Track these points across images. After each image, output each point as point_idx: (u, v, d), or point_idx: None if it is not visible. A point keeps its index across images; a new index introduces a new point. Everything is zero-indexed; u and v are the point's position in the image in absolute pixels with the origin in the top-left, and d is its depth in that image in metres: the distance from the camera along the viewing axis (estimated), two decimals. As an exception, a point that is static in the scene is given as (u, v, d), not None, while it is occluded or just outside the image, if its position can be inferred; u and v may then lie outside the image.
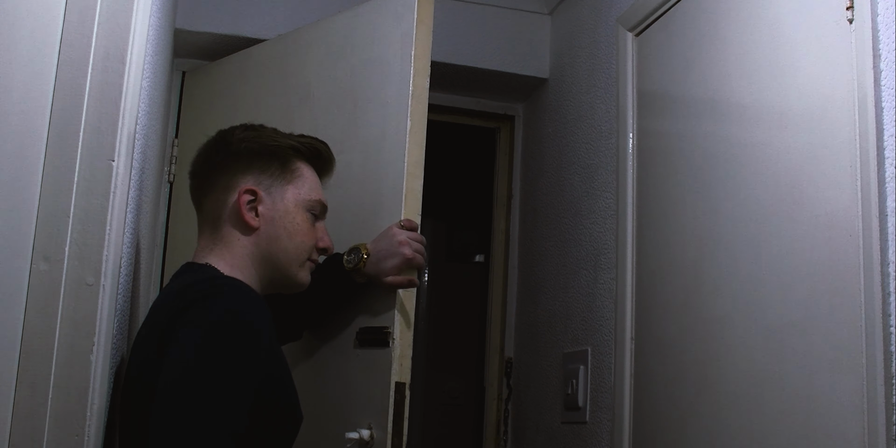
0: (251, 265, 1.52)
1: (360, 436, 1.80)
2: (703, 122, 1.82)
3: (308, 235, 1.56)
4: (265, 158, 1.53)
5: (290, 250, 1.53)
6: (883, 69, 1.33)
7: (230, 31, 2.55)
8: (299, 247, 1.55)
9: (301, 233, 1.54)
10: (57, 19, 1.23)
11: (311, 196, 1.56)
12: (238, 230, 1.51)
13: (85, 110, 1.22)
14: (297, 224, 1.54)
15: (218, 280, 1.40)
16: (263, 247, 1.52)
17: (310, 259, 1.58)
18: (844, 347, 1.35)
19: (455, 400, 3.70)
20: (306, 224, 1.55)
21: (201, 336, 1.27)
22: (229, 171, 1.53)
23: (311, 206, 1.56)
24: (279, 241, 1.52)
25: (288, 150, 1.56)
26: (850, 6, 1.40)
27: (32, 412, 1.14)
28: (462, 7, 2.75)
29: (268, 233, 1.52)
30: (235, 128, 1.58)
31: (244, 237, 1.51)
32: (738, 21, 1.72)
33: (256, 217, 1.51)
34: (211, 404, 1.23)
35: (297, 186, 1.55)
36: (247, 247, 1.51)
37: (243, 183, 1.52)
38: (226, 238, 1.51)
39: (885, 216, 1.30)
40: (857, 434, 1.31)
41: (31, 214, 1.18)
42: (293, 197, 1.54)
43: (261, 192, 1.52)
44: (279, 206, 1.53)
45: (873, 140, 1.33)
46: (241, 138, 1.55)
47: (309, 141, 1.60)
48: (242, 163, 1.53)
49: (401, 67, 1.97)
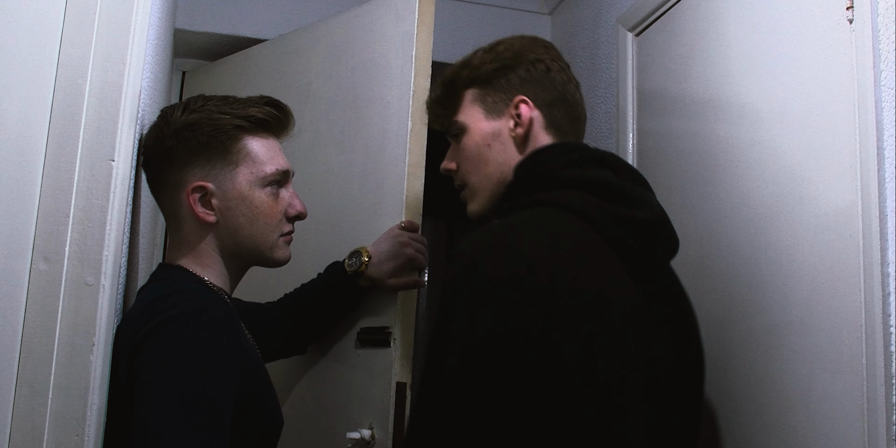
0: (221, 260, 1.47)
1: (361, 436, 1.81)
2: (703, 122, 1.82)
3: (270, 214, 1.48)
4: (206, 147, 1.44)
5: (255, 236, 1.47)
6: (883, 69, 1.33)
7: (230, 31, 2.55)
8: (264, 230, 1.48)
9: (262, 214, 1.47)
10: (57, 19, 1.23)
11: (264, 170, 1.47)
12: (198, 227, 1.46)
13: (85, 110, 1.22)
14: (255, 207, 1.46)
15: (171, 302, 1.32)
16: (227, 239, 1.46)
17: (282, 235, 1.51)
18: (844, 347, 1.35)
19: (456, 400, 3.69)
20: (266, 202, 1.47)
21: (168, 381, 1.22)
22: (174, 167, 1.45)
23: (268, 180, 1.48)
24: (241, 230, 1.46)
25: (229, 131, 1.45)
26: (850, 6, 1.40)
27: (32, 412, 1.14)
28: (462, 7, 2.75)
29: (227, 224, 1.46)
30: (175, 108, 1.48)
31: (205, 233, 1.46)
32: (738, 21, 1.72)
33: (211, 211, 1.45)
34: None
35: (247, 165, 1.46)
36: (210, 242, 1.46)
37: (190, 179, 1.44)
38: (188, 236, 1.47)
39: (885, 216, 1.30)
40: (857, 434, 1.31)
41: (31, 214, 1.18)
42: (244, 179, 1.46)
43: (209, 184, 1.44)
44: (232, 193, 1.45)
45: (873, 140, 1.33)
46: (177, 129, 1.44)
47: (252, 112, 1.48)
48: (184, 156, 1.44)
49: (402, 67, 1.97)
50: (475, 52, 1.59)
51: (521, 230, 1.33)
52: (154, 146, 1.45)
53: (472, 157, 1.55)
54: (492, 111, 1.55)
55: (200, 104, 1.48)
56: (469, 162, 1.56)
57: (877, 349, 1.28)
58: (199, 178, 1.44)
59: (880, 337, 1.28)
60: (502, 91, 1.55)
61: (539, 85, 1.55)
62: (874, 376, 1.28)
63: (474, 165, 1.56)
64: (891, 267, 1.28)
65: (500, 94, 1.55)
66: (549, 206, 1.38)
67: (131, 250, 1.46)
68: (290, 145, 1.63)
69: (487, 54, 1.57)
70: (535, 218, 1.36)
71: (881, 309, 1.28)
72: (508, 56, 1.56)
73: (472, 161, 1.56)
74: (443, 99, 1.60)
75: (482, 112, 1.56)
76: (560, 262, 1.29)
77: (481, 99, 1.56)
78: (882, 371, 1.27)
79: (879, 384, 1.27)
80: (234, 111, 1.47)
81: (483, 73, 1.56)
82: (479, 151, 1.55)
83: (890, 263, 1.28)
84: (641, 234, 1.39)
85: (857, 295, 1.33)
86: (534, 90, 1.54)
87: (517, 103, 1.53)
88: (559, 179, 1.44)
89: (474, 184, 1.57)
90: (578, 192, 1.40)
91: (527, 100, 1.53)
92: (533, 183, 1.46)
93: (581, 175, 1.44)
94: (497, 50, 1.57)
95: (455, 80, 1.58)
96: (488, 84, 1.56)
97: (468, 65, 1.58)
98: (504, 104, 1.54)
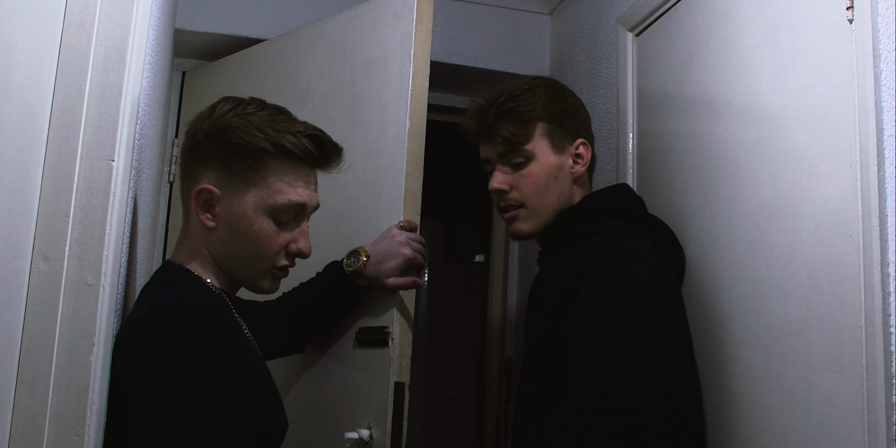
0: (216, 264, 1.44)
1: (359, 436, 1.81)
2: (703, 122, 1.82)
3: (269, 243, 1.42)
4: (230, 158, 1.40)
5: (245, 257, 1.42)
6: (883, 69, 1.33)
7: (230, 31, 2.55)
8: (257, 255, 1.42)
9: (259, 242, 1.41)
10: (57, 19, 1.23)
11: (275, 200, 1.40)
12: (199, 227, 1.43)
13: (85, 110, 1.22)
14: (254, 231, 1.40)
15: (170, 310, 1.31)
16: (221, 248, 1.42)
17: (275, 267, 1.45)
18: (844, 347, 1.35)
19: (455, 400, 3.70)
20: (265, 231, 1.41)
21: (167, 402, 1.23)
22: (197, 161, 1.42)
23: (276, 212, 1.41)
24: (234, 245, 1.41)
25: (254, 152, 1.39)
26: (850, 6, 1.40)
27: (32, 412, 1.14)
28: (462, 7, 2.75)
29: (223, 235, 1.41)
30: (227, 103, 1.45)
31: (205, 234, 1.43)
32: (738, 21, 1.72)
33: (213, 217, 1.41)
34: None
35: (259, 190, 1.40)
36: (207, 245, 1.43)
37: (204, 179, 1.41)
38: (191, 233, 1.45)
39: (885, 216, 1.30)
40: (858, 434, 1.31)
41: (31, 214, 1.18)
42: (253, 201, 1.40)
43: (219, 191, 1.40)
44: (237, 209, 1.40)
45: (873, 140, 1.33)
46: (213, 128, 1.41)
47: (284, 142, 1.41)
48: (208, 156, 1.41)
49: (400, 67, 1.97)
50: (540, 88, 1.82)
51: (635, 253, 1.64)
52: (190, 134, 1.44)
53: (538, 184, 1.78)
54: (557, 147, 1.80)
55: (250, 111, 1.43)
56: (534, 187, 1.78)
57: (877, 349, 1.28)
58: (212, 182, 1.41)
59: (880, 337, 1.28)
60: (568, 131, 1.81)
61: (589, 134, 1.87)
62: (874, 376, 1.28)
63: (539, 192, 1.78)
64: (891, 267, 1.28)
65: (564, 133, 1.80)
66: (631, 231, 1.70)
67: (131, 250, 1.46)
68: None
69: (556, 93, 1.84)
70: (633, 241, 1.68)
71: (881, 309, 1.28)
72: (572, 102, 1.86)
73: (538, 187, 1.78)
74: (513, 126, 1.78)
75: (549, 146, 1.79)
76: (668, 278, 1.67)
77: (549, 134, 1.79)
78: (882, 371, 1.27)
79: (879, 384, 1.27)
80: (269, 134, 1.40)
81: (554, 112, 1.80)
82: (546, 181, 1.78)
83: (890, 263, 1.28)
84: (676, 269, 1.76)
85: (857, 295, 1.33)
86: (587, 137, 1.85)
87: (579, 145, 1.82)
88: (632, 214, 1.76)
89: (535, 207, 1.79)
90: (640, 225, 1.73)
91: (587, 143, 1.83)
92: (606, 213, 1.76)
93: (648, 215, 1.79)
94: (561, 89, 1.87)
95: (530, 111, 1.78)
96: (558, 122, 1.80)
97: (538, 100, 1.79)
98: (568, 143, 1.81)
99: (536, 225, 1.80)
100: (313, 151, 1.43)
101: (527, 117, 1.78)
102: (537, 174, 1.77)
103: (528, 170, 1.78)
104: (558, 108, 1.81)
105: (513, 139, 1.77)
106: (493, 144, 1.81)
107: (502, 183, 1.80)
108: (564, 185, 1.80)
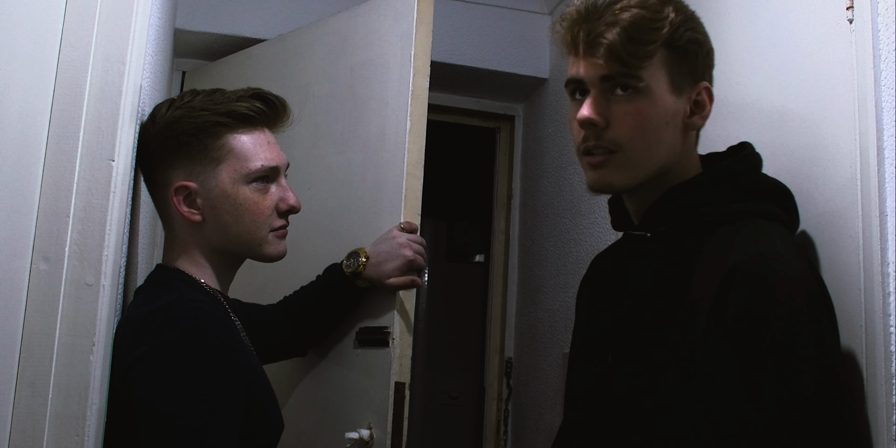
0: (213, 258, 1.46)
1: (359, 436, 1.81)
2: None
3: (257, 210, 1.45)
4: (188, 146, 1.42)
5: (242, 234, 1.45)
6: (883, 69, 1.33)
7: (230, 31, 2.56)
8: (251, 226, 1.45)
9: (248, 211, 1.44)
10: (57, 19, 1.23)
11: (248, 167, 1.44)
12: (186, 226, 1.45)
13: (85, 110, 1.22)
14: (239, 204, 1.43)
15: (167, 320, 1.32)
16: (216, 238, 1.45)
17: (273, 230, 1.48)
18: (844, 347, 1.35)
19: (455, 400, 3.70)
20: (251, 199, 1.44)
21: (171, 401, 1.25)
22: (161, 166, 1.44)
23: (253, 176, 1.44)
24: (228, 228, 1.44)
25: (209, 128, 1.42)
26: (850, 6, 1.40)
27: (32, 412, 1.14)
28: (462, 7, 2.75)
29: (214, 223, 1.44)
30: (162, 105, 1.46)
31: (195, 232, 1.45)
32: (738, 21, 1.72)
33: (197, 210, 1.43)
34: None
35: (229, 163, 1.43)
36: (200, 241, 1.45)
37: (174, 178, 1.43)
38: (180, 236, 1.46)
39: (885, 216, 1.30)
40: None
41: (31, 214, 1.18)
42: (227, 177, 1.43)
43: (192, 184, 1.43)
44: (216, 191, 1.43)
45: (873, 140, 1.32)
46: (161, 128, 1.42)
47: (235, 107, 1.44)
48: (168, 155, 1.43)
49: (401, 67, 1.97)
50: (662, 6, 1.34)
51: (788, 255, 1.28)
52: (142, 145, 1.44)
53: (646, 126, 1.33)
54: (677, 86, 1.35)
55: (186, 100, 1.45)
56: (639, 130, 1.33)
57: (877, 349, 1.28)
58: (182, 178, 1.42)
59: (880, 337, 1.28)
60: (691, 68, 1.36)
61: (710, 78, 1.41)
62: (874, 376, 1.28)
63: (645, 137, 1.33)
64: (891, 267, 1.28)
65: (689, 70, 1.36)
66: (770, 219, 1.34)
67: (131, 250, 1.46)
68: (288, 144, 1.63)
69: (678, 15, 1.35)
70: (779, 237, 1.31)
71: (881, 309, 1.28)
72: (702, 33, 1.39)
73: (645, 131, 1.33)
74: (631, 42, 1.31)
75: (668, 82, 1.34)
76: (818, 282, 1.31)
77: (670, 66, 1.34)
78: (882, 371, 1.27)
79: (879, 384, 1.27)
80: (215, 107, 1.43)
81: (680, 38, 1.34)
82: (657, 125, 1.34)
83: (890, 263, 1.28)
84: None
85: (857, 295, 1.32)
86: (710, 81, 1.41)
87: (702, 90, 1.38)
88: (765, 189, 1.39)
89: (636, 155, 1.34)
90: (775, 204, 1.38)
91: (710, 88, 1.39)
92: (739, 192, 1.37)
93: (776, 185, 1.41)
94: (690, 16, 1.39)
95: (653, 29, 1.32)
96: (684, 54, 1.35)
97: (665, 19, 1.33)
98: (689, 84, 1.36)
99: (634, 178, 1.35)
100: (264, 108, 1.47)
101: (652, 36, 1.32)
102: (647, 114, 1.33)
103: (638, 105, 1.32)
104: (688, 34, 1.35)
105: (628, 57, 1.31)
106: (595, 60, 1.34)
107: (599, 114, 1.33)
108: (676, 136, 1.36)
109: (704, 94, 1.38)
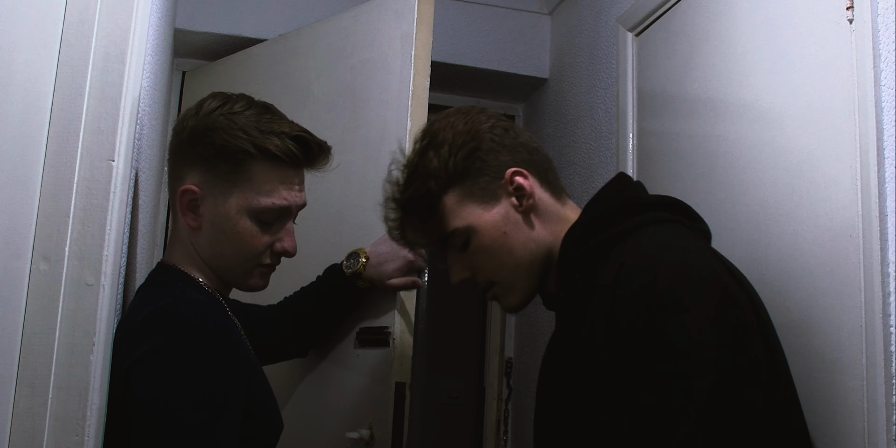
0: (204, 264, 1.44)
1: (360, 435, 1.81)
2: (703, 122, 1.82)
3: (253, 243, 1.41)
4: (213, 159, 1.39)
5: (230, 257, 1.42)
6: (883, 69, 1.33)
7: (230, 31, 2.56)
8: (241, 254, 1.42)
9: (243, 242, 1.40)
10: (57, 19, 1.23)
11: (258, 202, 1.39)
12: (186, 227, 1.43)
13: (85, 110, 1.22)
14: (237, 232, 1.40)
15: (168, 321, 1.31)
16: (206, 248, 1.42)
17: (260, 265, 1.44)
18: (844, 347, 1.35)
19: (455, 400, 3.70)
20: (249, 232, 1.40)
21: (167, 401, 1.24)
22: (181, 159, 1.42)
23: (259, 213, 1.40)
24: (220, 244, 1.41)
25: (237, 154, 1.37)
26: (850, 6, 1.40)
27: (32, 412, 1.13)
28: (462, 7, 2.76)
29: (208, 235, 1.41)
30: (213, 101, 1.42)
31: (191, 234, 1.43)
32: (738, 21, 1.72)
33: (198, 217, 1.41)
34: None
35: (243, 191, 1.39)
36: (194, 244, 1.43)
37: (189, 179, 1.40)
38: (180, 232, 1.45)
39: (885, 216, 1.30)
40: (858, 434, 1.31)
41: (31, 214, 1.18)
42: (236, 202, 1.39)
43: (202, 191, 1.40)
44: (220, 210, 1.39)
45: (873, 140, 1.33)
46: (197, 128, 1.39)
47: (268, 145, 1.38)
48: (192, 155, 1.40)
49: (401, 67, 1.97)
50: (423, 157, 1.45)
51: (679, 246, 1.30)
52: (176, 131, 1.42)
53: (492, 254, 1.43)
54: (487, 199, 1.43)
55: (236, 110, 1.40)
56: (491, 260, 1.44)
57: (877, 349, 1.28)
58: (195, 182, 1.40)
59: (880, 337, 1.28)
60: (486, 175, 1.43)
61: (511, 149, 1.45)
62: (874, 376, 1.28)
63: (498, 261, 1.43)
64: (891, 267, 1.28)
65: (486, 178, 1.43)
66: (661, 223, 1.36)
67: (131, 250, 1.46)
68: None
69: (440, 150, 1.44)
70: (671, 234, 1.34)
71: (881, 309, 1.28)
72: (465, 140, 1.44)
73: (494, 258, 1.43)
74: (420, 221, 1.46)
75: (477, 206, 1.43)
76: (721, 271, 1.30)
77: (468, 194, 1.43)
78: (882, 371, 1.27)
79: (879, 384, 1.27)
80: (253, 136, 1.38)
81: (454, 171, 1.43)
82: (497, 245, 1.42)
83: (890, 263, 1.28)
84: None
85: (857, 295, 1.32)
86: (512, 158, 1.44)
87: (511, 178, 1.43)
88: (647, 202, 1.42)
89: (506, 279, 1.45)
90: (665, 212, 1.39)
91: (519, 170, 1.44)
92: (620, 212, 1.39)
93: (660, 197, 1.44)
94: (446, 140, 1.44)
95: (425, 195, 1.44)
96: (466, 177, 1.43)
97: (427, 173, 1.44)
98: (496, 186, 1.43)
99: (524, 292, 1.47)
100: (297, 153, 1.40)
101: (426, 202, 1.44)
102: (485, 245, 1.43)
103: (473, 246, 1.44)
104: (456, 158, 1.43)
105: (423, 234, 1.49)
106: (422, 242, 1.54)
107: (461, 272, 1.49)
108: (520, 233, 1.43)
109: (517, 179, 1.43)
